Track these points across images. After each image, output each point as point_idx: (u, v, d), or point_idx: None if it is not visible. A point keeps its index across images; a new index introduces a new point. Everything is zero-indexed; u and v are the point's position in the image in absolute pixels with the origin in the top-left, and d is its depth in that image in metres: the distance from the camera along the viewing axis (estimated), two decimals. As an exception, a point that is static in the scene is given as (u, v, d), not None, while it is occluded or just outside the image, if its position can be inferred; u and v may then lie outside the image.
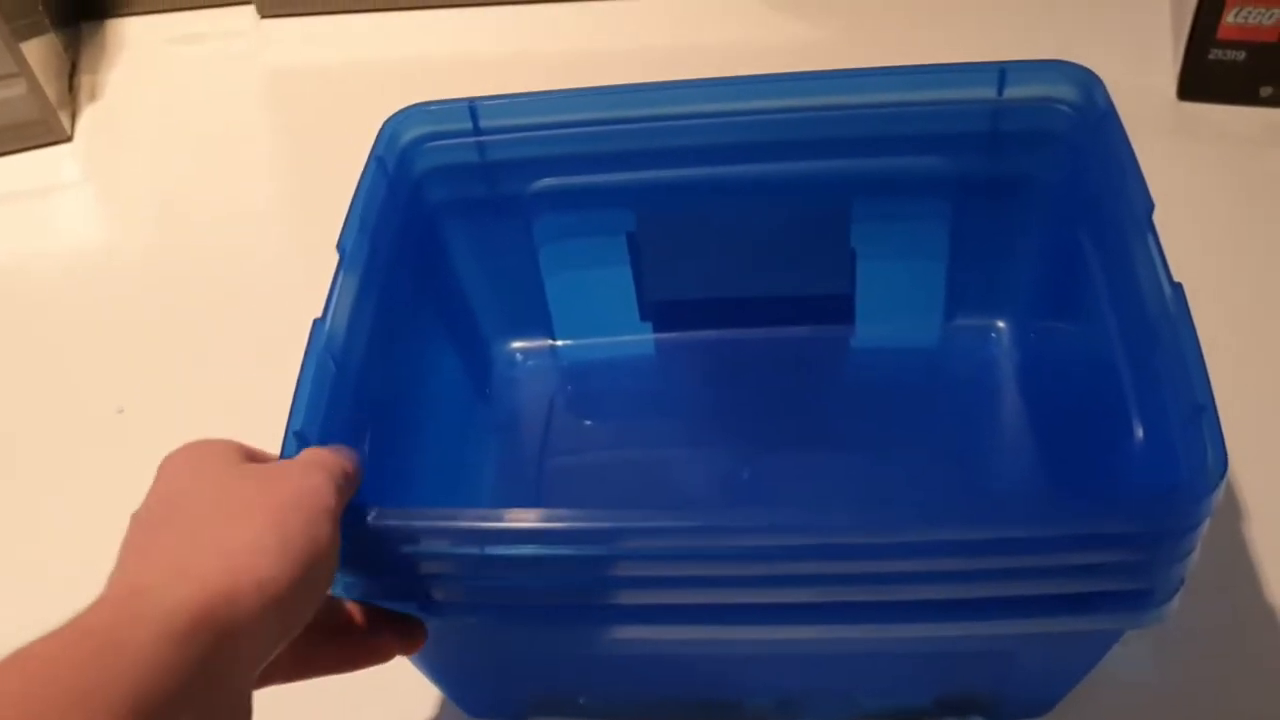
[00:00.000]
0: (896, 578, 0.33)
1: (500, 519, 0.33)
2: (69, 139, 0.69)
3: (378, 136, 0.44)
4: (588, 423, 0.51)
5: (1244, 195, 0.59)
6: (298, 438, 0.35)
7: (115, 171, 0.68)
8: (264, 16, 0.75)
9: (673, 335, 0.51)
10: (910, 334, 0.49)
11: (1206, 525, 0.31)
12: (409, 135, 0.45)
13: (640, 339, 0.51)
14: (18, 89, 0.66)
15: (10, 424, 0.56)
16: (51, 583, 0.49)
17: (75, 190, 0.67)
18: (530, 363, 0.51)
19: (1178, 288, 0.35)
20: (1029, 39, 0.67)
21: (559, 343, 0.52)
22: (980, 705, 0.42)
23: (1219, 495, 0.31)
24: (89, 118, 0.71)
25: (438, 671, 0.42)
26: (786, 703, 0.43)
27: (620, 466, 0.49)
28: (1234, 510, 0.46)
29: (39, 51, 0.68)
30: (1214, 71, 0.61)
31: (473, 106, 0.45)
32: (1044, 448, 0.45)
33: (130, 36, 0.75)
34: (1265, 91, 0.62)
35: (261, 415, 0.52)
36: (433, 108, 0.45)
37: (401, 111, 0.45)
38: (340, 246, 0.41)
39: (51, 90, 0.68)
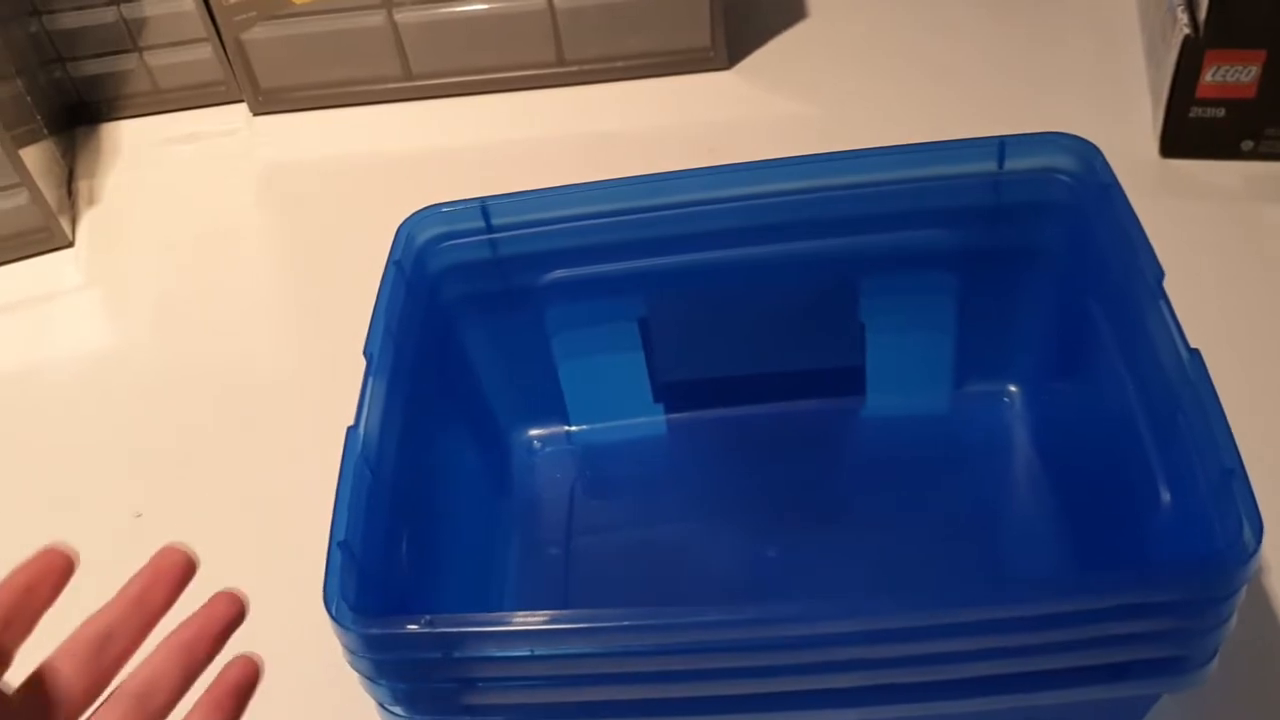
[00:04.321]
0: (936, 658, 0.33)
1: (549, 621, 0.33)
2: (70, 244, 0.69)
3: (395, 240, 0.45)
4: (607, 506, 0.51)
5: (1231, 247, 0.60)
6: (342, 548, 0.35)
7: (118, 275, 0.68)
8: (256, 114, 0.76)
9: (686, 415, 0.52)
10: (922, 402, 0.50)
11: (1244, 591, 0.32)
12: (424, 236, 0.46)
13: (654, 420, 0.52)
14: (19, 199, 0.66)
15: (28, 532, 0.56)
16: None
17: (79, 295, 0.67)
18: (548, 449, 0.52)
19: (1195, 353, 0.36)
20: (1011, 105, 0.69)
21: (574, 428, 0.52)
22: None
23: (1258, 559, 0.31)
24: (89, 222, 0.71)
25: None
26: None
27: (644, 549, 0.49)
28: (1265, 567, 0.47)
29: (37, 159, 0.68)
30: (1195, 128, 0.63)
31: (484, 206, 0.46)
32: (1065, 514, 0.45)
33: (125, 139, 0.76)
34: (1246, 146, 0.63)
35: (276, 515, 0.53)
36: (445, 209, 0.46)
37: (416, 214, 0.46)
38: (367, 352, 0.41)
39: (51, 197, 0.68)
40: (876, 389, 0.50)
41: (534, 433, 0.52)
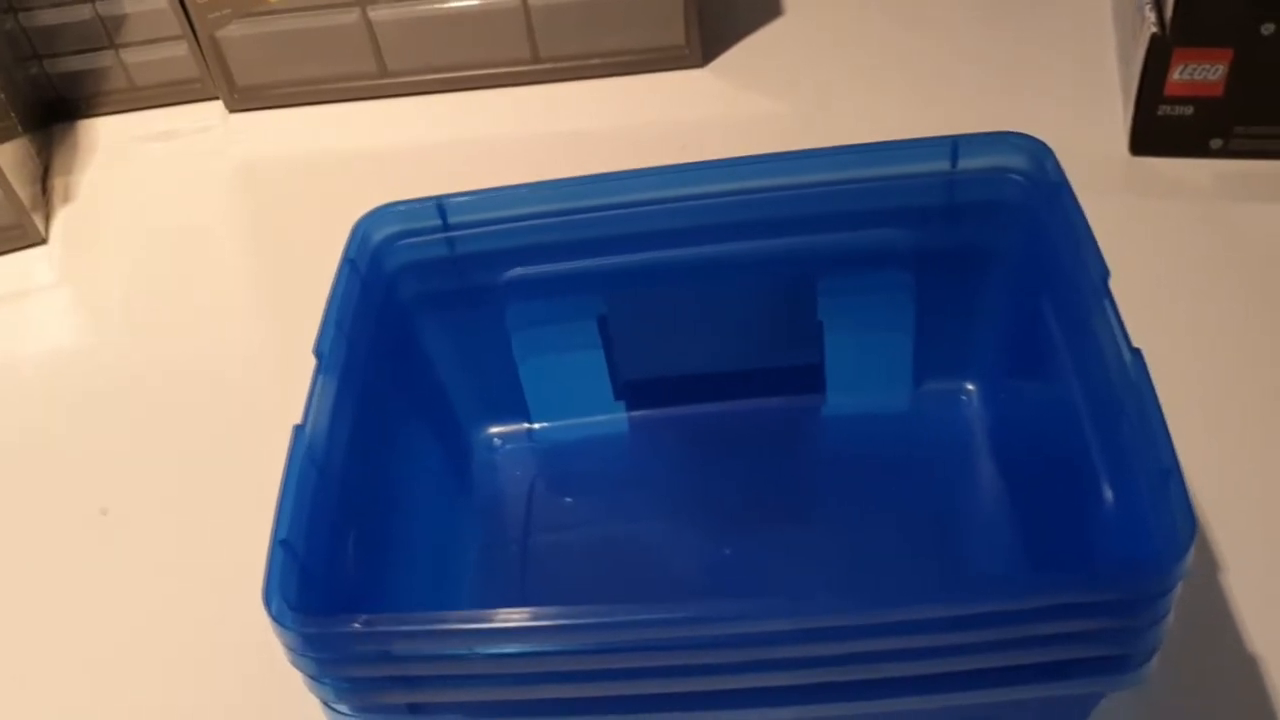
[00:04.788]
0: (874, 657, 0.34)
1: (488, 619, 0.33)
2: (44, 241, 0.70)
3: (349, 238, 0.45)
4: (567, 502, 0.51)
5: (1199, 244, 0.60)
6: (284, 546, 0.35)
7: (91, 272, 0.68)
8: (232, 111, 0.76)
9: (647, 413, 0.52)
10: (881, 401, 0.50)
11: (1179, 589, 0.32)
12: (379, 235, 0.46)
13: (615, 418, 0.52)
14: (-10, 196, 0.67)
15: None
16: (39, 681, 0.50)
17: (51, 293, 0.68)
18: (508, 447, 0.52)
19: (1137, 353, 0.36)
20: (983, 102, 0.69)
21: (535, 426, 0.52)
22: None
23: (1189, 559, 0.32)
24: (63, 219, 0.71)
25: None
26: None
27: (602, 546, 0.50)
28: (1210, 564, 0.47)
29: (11, 156, 0.68)
30: (1164, 126, 0.63)
31: (440, 204, 0.46)
32: (1017, 511, 0.45)
33: (101, 136, 0.76)
34: (1215, 144, 0.63)
35: (244, 513, 0.53)
36: (401, 207, 0.46)
37: (372, 212, 0.46)
38: (317, 350, 0.41)
39: (25, 194, 0.69)
40: (836, 388, 0.50)
41: (494, 430, 0.52)
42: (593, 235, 0.47)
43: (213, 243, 0.69)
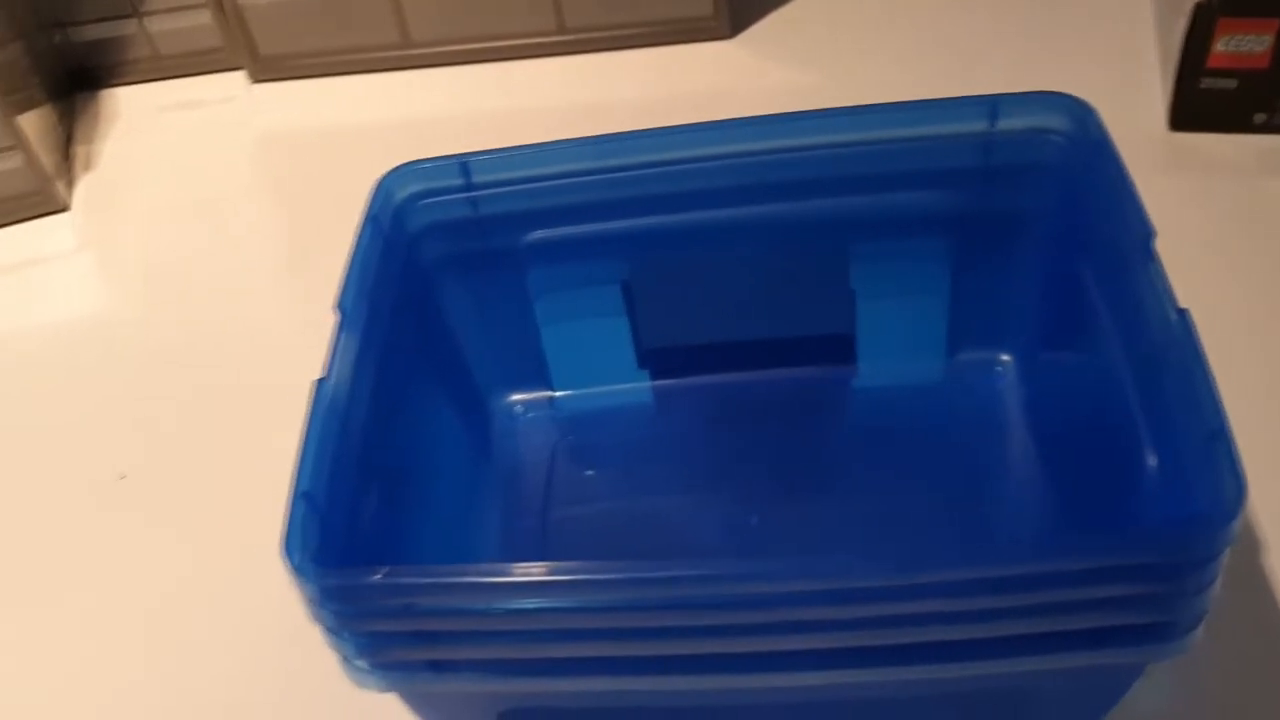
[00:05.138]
0: (916, 619, 0.32)
1: (510, 573, 0.32)
2: (66, 208, 0.69)
3: (371, 196, 0.44)
4: (590, 473, 0.50)
5: (1240, 223, 0.59)
6: (305, 499, 0.34)
7: (112, 239, 0.68)
8: (255, 81, 0.76)
9: (671, 382, 0.51)
10: (914, 371, 0.49)
11: (1227, 554, 0.31)
12: (402, 193, 0.45)
13: (638, 386, 0.51)
14: (14, 161, 0.66)
15: (13, 492, 0.55)
16: (60, 646, 0.49)
17: (73, 259, 0.67)
18: (530, 414, 0.51)
19: (1183, 313, 0.35)
20: (1016, 77, 0.67)
21: (557, 394, 0.51)
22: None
23: (1239, 522, 0.30)
24: (85, 187, 0.71)
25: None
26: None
27: (625, 516, 0.49)
28: (1252, 537, 0.45)
29: (35, 123, 0.68)
30: (1205, 100, 0.62)
31: (464, 163, 0.45)
32: (1055, 480, 0.44)
33: (124, 105, 0.76)
34: (1259, 118, 0.62)
35: (261, 475, 0.52)
36: (424, 165, 0.45)
37: (394, 170, 0.45)
38: (340, 306, 0.40)
39: (48, 161, 0.68)
40: (868, 357, 0.49)
41: (515, 398, 0.51)
42: (618, 196, 0.46)
43: (234, 211, 0.69)
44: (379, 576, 0.32)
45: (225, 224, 0.68)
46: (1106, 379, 0.39)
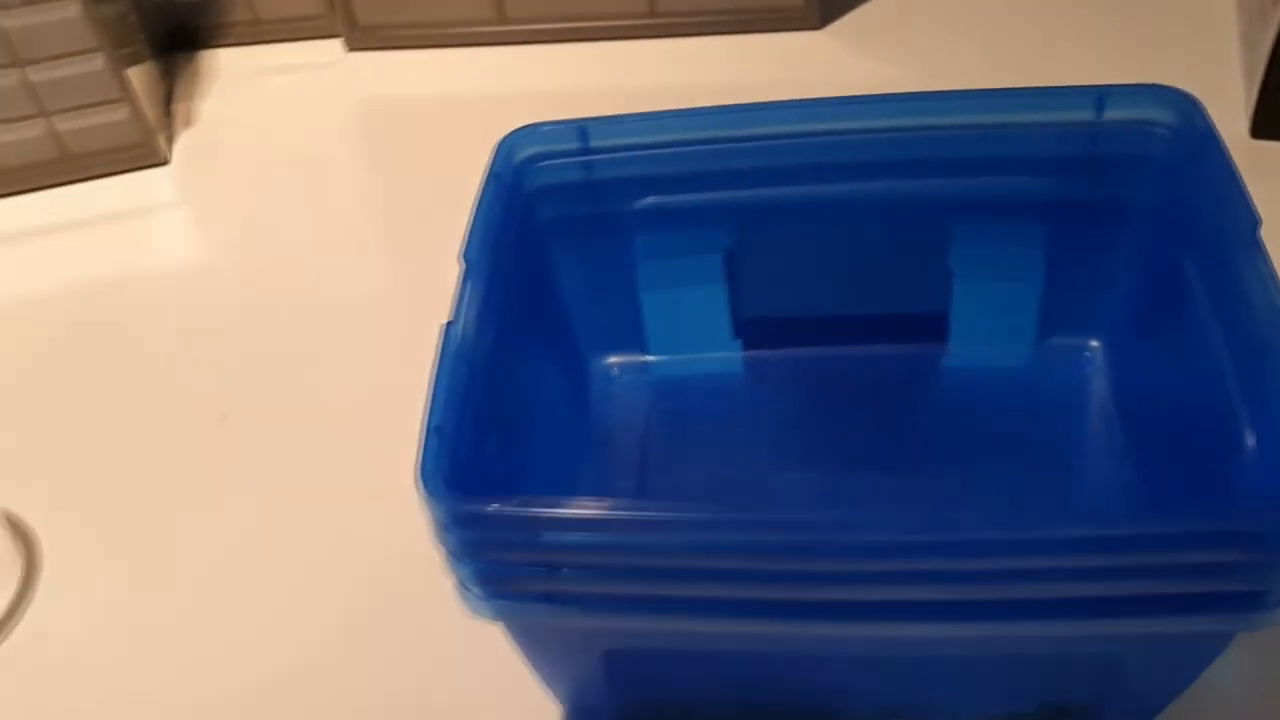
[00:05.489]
0: (1015, 575, 0.34)
1: (635, 509, 0.34)
2: (166, 162, 0.71)
3: (494, 154, 0.46)
4: (680, 438, 0.52)
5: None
6: (438, 433, 0.36)
7: (212, 193, 0.70)
8: (351, 50, 0.78)
9: (764, 353, 0.52)
10: (1003, 353, 0.50)
11: (1326, 527, 0.32)
12: (522, 154, 0.47)
13: (731, 356, 0.53)
14: (121, 113, 0.68)
15: (119, 430, 0.58)
16: (164, 578, 0.51)
17: (174, 210, 0.69)
18: (625, 378, 0.53)
19: (1289, 301, 0.36)
20: (1100, 78, 0.68)
21: (652, 359, 0.53)
22: (1084, 715, 0.43)
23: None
24: (184, 143, 0.73)
25: (546, 675, 0.43)
26: (889, 713, 0.44)
27: (718, 482, 0.50)
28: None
29: (139, 78, 0.70)
30: (1288, 109, 0.63)
31: (582, 127, 0.47)
32: (1145, 460, 0.45)
33: (222, 67, 0.78)
34: (1340, 129, 0.63)
35: (353, 416, 0.55)
36: (545, 128, 0.47)
37: (515, 131, 0.46)
38: (465, 256, 0.42)
39: (152, 115, 0.70)
40: (959, 338, 0.50)
41: (612, 360, 0.53)
42: (729, 167, 0.47)
43: (328, 173, 0.71)
44: (510, 505, 0.34)
45: (319, 183, 0.70)
46: (1203, 365, 0.40)
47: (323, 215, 0.67)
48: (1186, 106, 0.43)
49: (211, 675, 0.48)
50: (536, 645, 0.40)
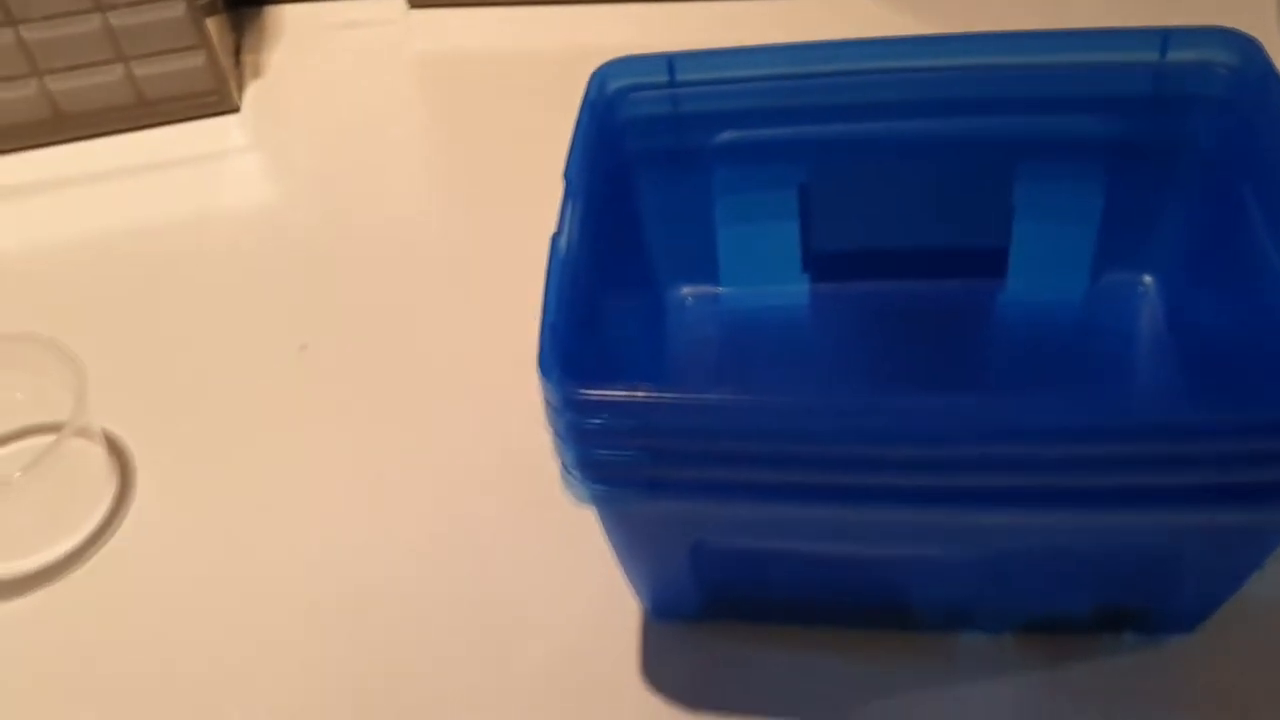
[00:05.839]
0: (1082, 462, 0.36)
1: (731, 400, 0.37)
2: (237, 110, 0.74)
3: (589, 84, 0.48)
4: (750, 365, 0.54)
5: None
6: (553, 329, 0.39)
7: (280, 141, 0.73)
8: (413, 7, 0.80)
9: (831, 285, 0.55)
10: (1061, 287, 0.53)
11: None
12: (614, 85, 0.49)
13: (799, 289, 0.55)
14: (198, 60, 0.71)
15: (201, 359, 0.60)
16: (254, 492, 0.54)
17: (245, 155, 0.72)
18: (699, 308, 0.55)
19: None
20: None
21: (723, 289, 0.55)
22: (1134, 618, 0.45)
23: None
24: (253, 92, 0.75)
25: (632, 570, 0.45)
26: (953, 610, 0.46)
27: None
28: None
29: (215, 28, 0.72)
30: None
31: (670, 59, 0.49)
32: (1200, 381, 0.48)
33: (287, 22, 0.80)
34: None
35: (425, 345, 0.56)
36: (635, 60, 0.49)
37: (609, 63, 0.49)
38: (566, 175, 0.45)
39: (224, 65, 0.73)
40: (1018, 273, 0.53)
41: (686, 290, 0.55)
42: (804, 103, 0.50)
43: (393, 125, 0.73)
44: (619, 390, 0.36)
45: (384, 134, 0.72)
46: (1259, 288, 0.43)
47: (386, 162, 0.70)
48: (1248, 47, 0.46)
49: (302, 581, 0.51)
50: (629, 535, 0.43)
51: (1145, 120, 0.48)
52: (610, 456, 0.39)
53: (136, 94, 0.72)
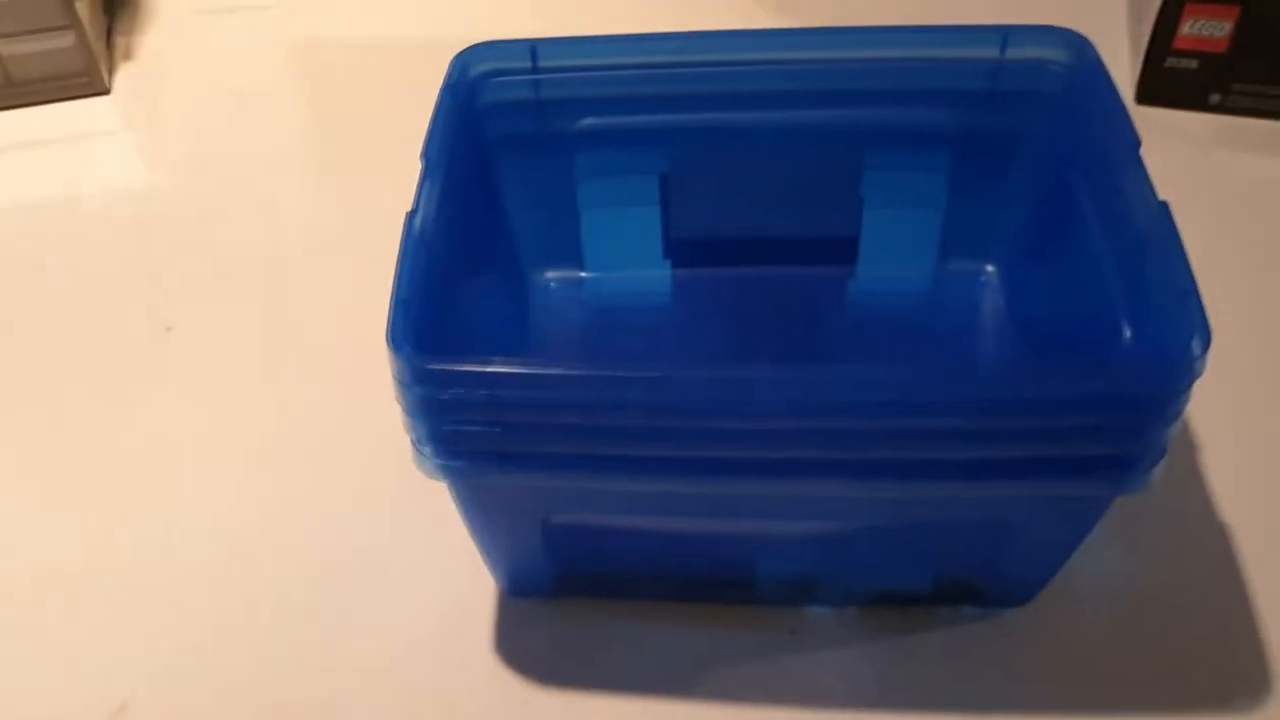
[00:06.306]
0: (902, 435, 0.38)
1: (578, 368, 0.38)
2: (107, 92, 0.73)
3: (450, 68, 0.49)
4: (611, 349, 0.55)
5: (1193, 192, 0.65)
6: (404, 305, 0.39)
7: (151, 124, 0.72)
8: (291, -8, 0.80)
9: (691, 271, 0.56)
10: (908, 276, 0.55)
11: (1194, 389, 0.37)
12: (475, 70, 0.50)
13: (661, 274, 0.56)
14: (67, 40, 0.70)
15: (64, 343, 0.59)
16: (112, 488, 0.53)
17: (114, 138, 0.71)
18: (562, 292, 0.56)
19: (1164, 205, 0.41)
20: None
21: (587, 274, 0.56)
22: (972, 592, 0.47)
23: (1205, 359, 0.36)
24: (124, 75, 0.74)
25: (487, 547, 0.46)
26: (796, 584, 0.48)
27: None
28: (1189, 446, 0.52)
29: (85, 7, 0.72)
30: (1169, 78, 0.69)
31: (534, 46, 0.50)
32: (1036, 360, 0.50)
33: (163, 5, 0.80)
34: (1214, 99, 0.69)
35: (290, 326, 0.57)
36: (498, 45, 0.50)
37: (471, 48, 0.50)
38: (425, 155, 0.45)
39: (95, 46, 0.72)
40: (867, 261, 0.55)
41: (550, 275, 0.56)
42: (665, 92, 0.51)
43: (266, 110, 0.73)
44: (467, 362, 0.37)
45: (257, 119, 0.72)
46: (1088, 270, 0.45)
47: (256, 147, 0.70)
48: (1081, 46, 0.48)
49: (164, 559, 0.51)
50: (482, 512, 0.44)
51: (984, 114, 0.50)
52: (459, 430, 0.39)
53: (4, 74, 0.70)
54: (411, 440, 0.40)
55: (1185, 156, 0.68)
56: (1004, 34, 0.49)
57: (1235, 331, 0.56)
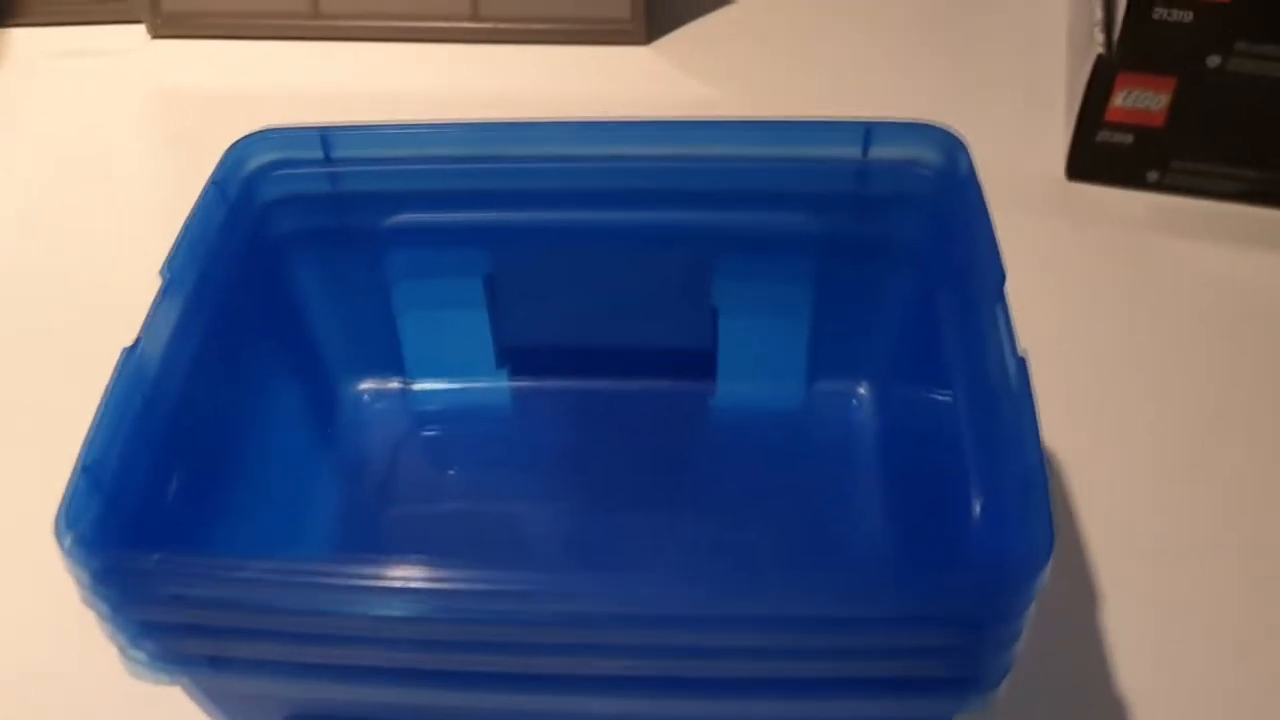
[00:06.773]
0: (708, 651, 0.31)
1: (290, 570, 0.31)
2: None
3: (221, 161, 0.42)
4: (436, 470, 0.49)
5: (1120, 277, 0.58)
6: (87, 473, 0.32)
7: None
8: (155, 36, 0.73)
9: (530, 382, 0.50)
10: (773, 395, 0.48)
11: (1032, 609, 0.30)
12: (255, 162, 0.43)
13: (496, 385, 0.50)
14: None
15: None
16: None
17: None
18: (379, 404, 0.49)
19: (1021, 361, 0.34)
20: (926, 111, 0.67)
21: (411, 385, 0.50)
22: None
23: (1044, 580, 0.30)
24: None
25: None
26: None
27: (467, 517, 0.47)
28: (1088, 596, 0.45)
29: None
30: (1102, 153, 0.61)
31: (324, 135, 0.43)
32: (895, 517, 0.43)
33: (16, 47, 0.73)
34: (1151, 176, 0.62)
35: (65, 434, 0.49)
36: (281, 133, 0.43)
37: (247, 137, 0.43)
38: (164, 271, 0.38)
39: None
40: (728, 377, 0.48)
41: (366, 385, 0.49)
42: (486, 187, 0.44)
43: (109, 162, 0.66)
44: (151, 561, 0.30)
45: (99, 175, 0.65)
46: (949, 418, 0.38)
47: (91, 210, 0.63)
48: (951, 146, 0.41)
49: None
50: (213, 706, 0.37)
51: (848, 218, 0.44)
52: (162, 631, 0.32)
53: None
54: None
55: (1117, 240, 0.61)
56: (867, 130, 0.42)
57: (1153, 449, 0.49)
